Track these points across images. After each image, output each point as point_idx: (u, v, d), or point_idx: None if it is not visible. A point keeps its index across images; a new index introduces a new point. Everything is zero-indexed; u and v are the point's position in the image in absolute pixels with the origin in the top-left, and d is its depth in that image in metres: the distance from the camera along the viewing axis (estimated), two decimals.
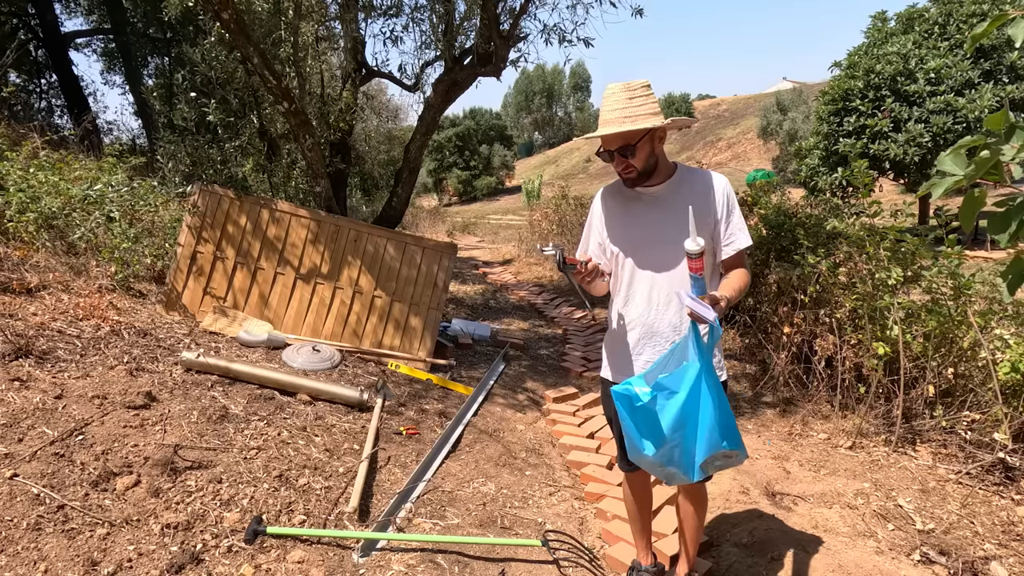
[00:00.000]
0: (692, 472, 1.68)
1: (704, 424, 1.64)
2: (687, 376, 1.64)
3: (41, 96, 12.72)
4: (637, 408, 1.66)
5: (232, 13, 4.19)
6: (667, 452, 1.67)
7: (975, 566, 2.35)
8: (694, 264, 1.69)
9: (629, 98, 1.80)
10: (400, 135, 13.95)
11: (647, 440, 1.67)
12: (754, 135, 31.80)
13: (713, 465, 1.69)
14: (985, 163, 1.12)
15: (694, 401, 1.64)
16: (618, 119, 1.80)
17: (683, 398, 1.63)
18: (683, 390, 1.63)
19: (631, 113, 1.79)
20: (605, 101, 1.84)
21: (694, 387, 1.63)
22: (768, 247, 4.68)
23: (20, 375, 2.75)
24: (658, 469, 1.74)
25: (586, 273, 1.83)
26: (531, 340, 5.90)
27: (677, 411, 1.63)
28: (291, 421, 3.08)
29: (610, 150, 1.84)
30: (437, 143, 34.31)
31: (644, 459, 1.72)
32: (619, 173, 1.90)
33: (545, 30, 5.64)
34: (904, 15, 15.27)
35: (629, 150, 1.81)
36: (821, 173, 14.52)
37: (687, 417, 1.64)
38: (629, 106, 1.80)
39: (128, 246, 4.33)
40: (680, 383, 1.64)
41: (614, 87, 1.83)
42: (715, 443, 1.64)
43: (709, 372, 1.65)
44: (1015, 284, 1.20)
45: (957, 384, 3.37)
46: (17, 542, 1.97)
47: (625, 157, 1.83)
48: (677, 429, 1.64)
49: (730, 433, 1.66)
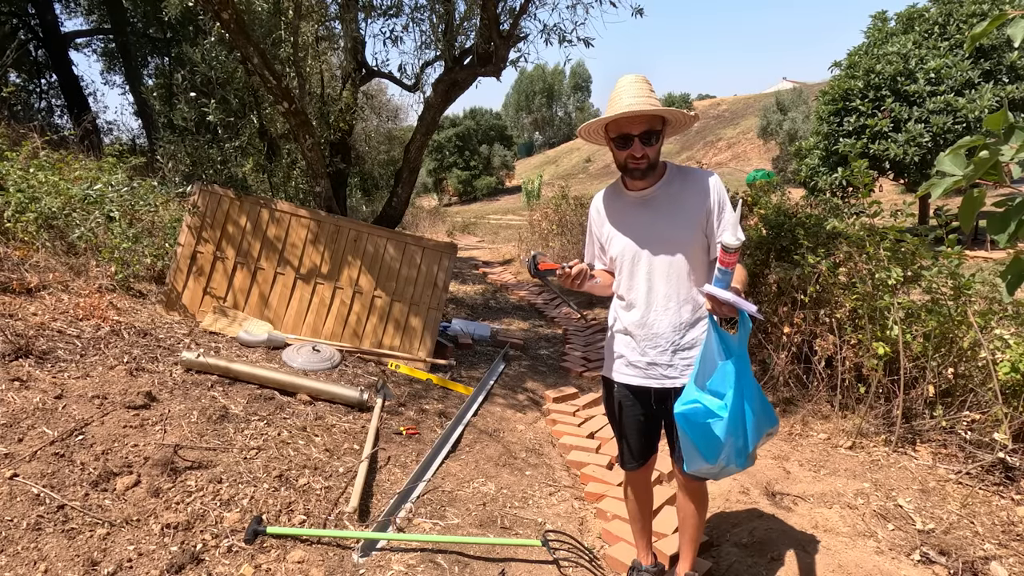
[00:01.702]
0: (744, 462, 1.74)
1: (751, 415, 1.69)
2: (727, 375, 1.69)
3: (41, 96, 12.73)
4: (700, 424, 1.71)
5: (232, 13, 4.19)
6: (727, 454, 1.72)
7: (975, 566, 2.35)
8: (728, 258, 1.69)
9: (650, 89, 1.84)
10: (400, 135, 13.94)
11: (710, 449, 1.72)
12: (754, 135, 31.79)
13: (759, 448, 1.76)
14: (984, 163, 1.13)
15: (739, 397, 1.68)
16: (645, 103, 1.80)
17: (731, 397, 1.67)
18: (729, 390, 1.68)
19: (655, 102, 1.82)
20: (625, 88, 1.84)
21: (737, 384, 1.67)
22: (768, 247, 4.68)
23: (20, 375, 2.75)
24: (714, 471, 1.79)
25: (574, 276, 1.85)
26: (531, 340, 5.90)
27: (729, 414, 1.67)
28: (291, 421, 3.08)
29: (631, 135, 1.83)
30: (437, 143, 34.31)
31: (703, 467, 1.77)
32: (631, 163, 1.87)
33: (545, 30, 5.64)
34: (904, 15, 15.27)
35: (653, 136, 1.83)
36: (821, 173, 14.51)
37: (738, 416, 1.68)
38: (652, 96, 1.83)
39: (128, 246, 4.33)
40: (725, 384, 1.69)
41: (632, 76, 1.86)
42: (762, 428, 1.71)
43: (743, 363, 1.69)
44: (1015, 284, 1.20)
45: (957, 384, 3.37)
46: (17, 542, 1.97)
47: (644, 144, 1.83)
48: (732, 432, 1.69)
49: (768, 413, 1.73)
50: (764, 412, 1.72)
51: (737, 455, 1.72)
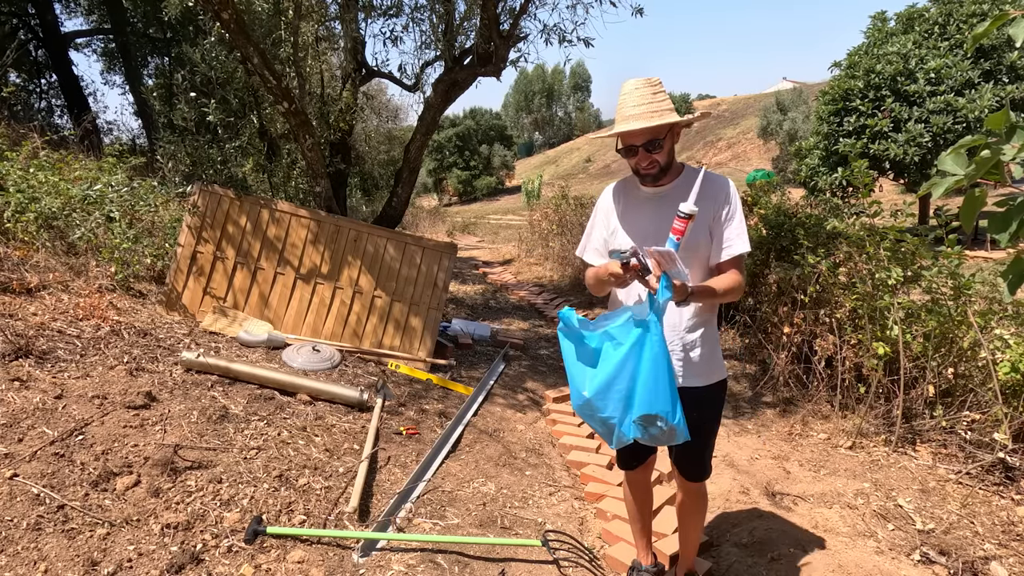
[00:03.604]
0: (627, 428, 1.71)
1: (645, 382, 1.67)
2: (631, 332, 1.69)
3: (41, 96, 12.73)
4: (583, 345, 1.75)
5: (232, 13, 4.18)
6: (605, 399, 1.72)
7: (975, 566, 2.35)
8: (678, 225, 1.72)
9: (653, 93, 1.81)
10: (400, 135, 13.94)
11: (588, 380, 1.74)
12: (754, 135, 31.79)
13: (649, 432, 1.70)
14: (985, 163, 1.12)
15: (635, 356, 1.68)
16: (645, 114, 1.79)
17: (625, 350, 1.68)
18: (627, 343, 1.68)
19: (657, 108, 1.79)
20: (628, 97, 1.82)
21: (636, 343, 1.67)
22: (768, 247, 4.68)
23: (20, 375, 2.75)
24: (599, 424, 1.78)
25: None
26: (531, 340, 5.90)
27: (619, 360, 1.68)
28: (291, 421, 3.08)
29: (635, 145, 1.83)
30: (437, 143, 34.31)
31: (585, 404, 1.77)
32: (642, 169, 1.87)
33: (545, 30, 5.63)
34: (904, 15, 15.27)
35: (657, 144, 1.81)
36: (821, 173, 14.51)
37: (627, 369, 1.68)
38: (653, 101, 1.80)
39: (128, 246, 4.33)
40: (626, 336, 1.70)
41: (635, 82, 1.83)
42: (652, 404, 1.66)
43: (655, 335, 1.66)
44: (1015, 284, 1.20)
45: (957, 384, 3.37)
46: (17, 542, 1.97)
47: (650, 152, 1.82)
48: (617, 378, 1.69)
49: (661, 397, 1.66)
50: (664, 396, 1.66)
51: (621, 408, 1.70)
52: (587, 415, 1.81)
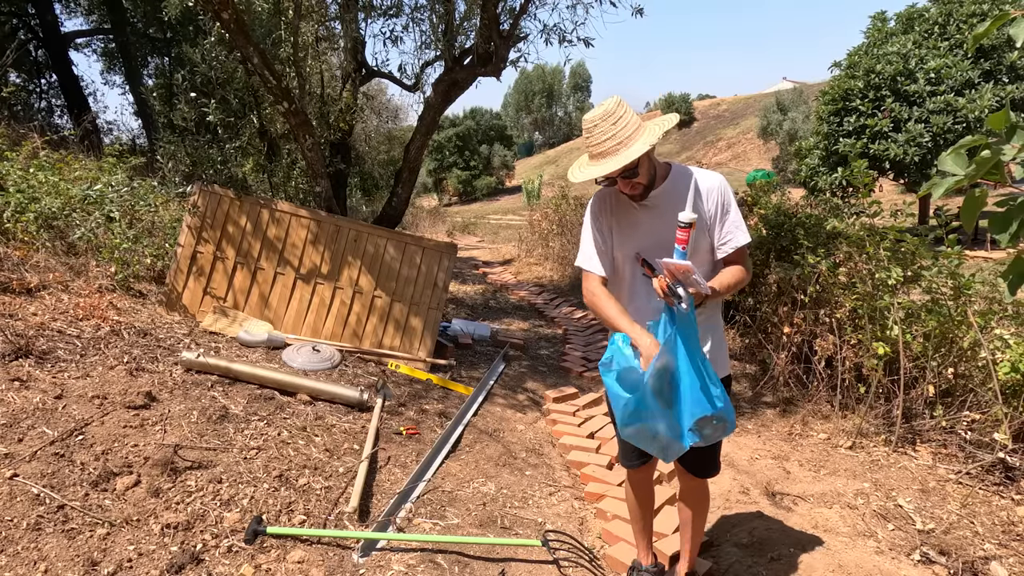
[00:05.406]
0: (685, 439, 1.71)
1: (688, 387, 1.68)
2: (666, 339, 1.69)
3: (41, 96, 12.73)
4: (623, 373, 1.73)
5: (232, 13, 4.18)
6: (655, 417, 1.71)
7: (975, 566, 2.35)
8: (681, 235, 1.71)
9: (613, 124, 1.76)
10: (400, 135, 13.95)
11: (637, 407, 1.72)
12: (754, 135, 31.81)
13: (703, 433, 1.71)
14: (986, 163, 1.12)
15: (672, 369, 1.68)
16: (612, 149, 1.75)
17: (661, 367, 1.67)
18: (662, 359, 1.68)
19: (622, 138, 1.75)
20: (591, 134, 1.78)
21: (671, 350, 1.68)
22: (768, 247, 4.68)
23: (20, 375, 2.75)
24: (650, 442, 1.77)
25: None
26: (531, 340, 5.90)
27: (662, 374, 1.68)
28: (291, 421, 3.08)
29: (611, 176, 1.82)
30: (437, 143, 34.31)
31: (633, 428, 1.76)
32: (626, 193, 1.87)
33: (545, 30, 5.63)
34: (904, 15, 15.28)
35: (632, 172, 1.79)
36: (821, 173, 14.53)
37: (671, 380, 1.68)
38: (617, 133, 1.75)
39: (128, 246, 4.33)
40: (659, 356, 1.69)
41: (593, 117, 1.78)
42: (704, 406, 1.67)
43: (688, 336, 1.67)
44: (1016, 284, 1.20)
45: (957, 384, 3.37)
46: (17, 542, 1.97)
47: (629, 179, 1.81)
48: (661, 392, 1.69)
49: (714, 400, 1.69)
50: (712, 393, 1.68)
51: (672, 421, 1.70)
52: (638, 439, 1.81)
